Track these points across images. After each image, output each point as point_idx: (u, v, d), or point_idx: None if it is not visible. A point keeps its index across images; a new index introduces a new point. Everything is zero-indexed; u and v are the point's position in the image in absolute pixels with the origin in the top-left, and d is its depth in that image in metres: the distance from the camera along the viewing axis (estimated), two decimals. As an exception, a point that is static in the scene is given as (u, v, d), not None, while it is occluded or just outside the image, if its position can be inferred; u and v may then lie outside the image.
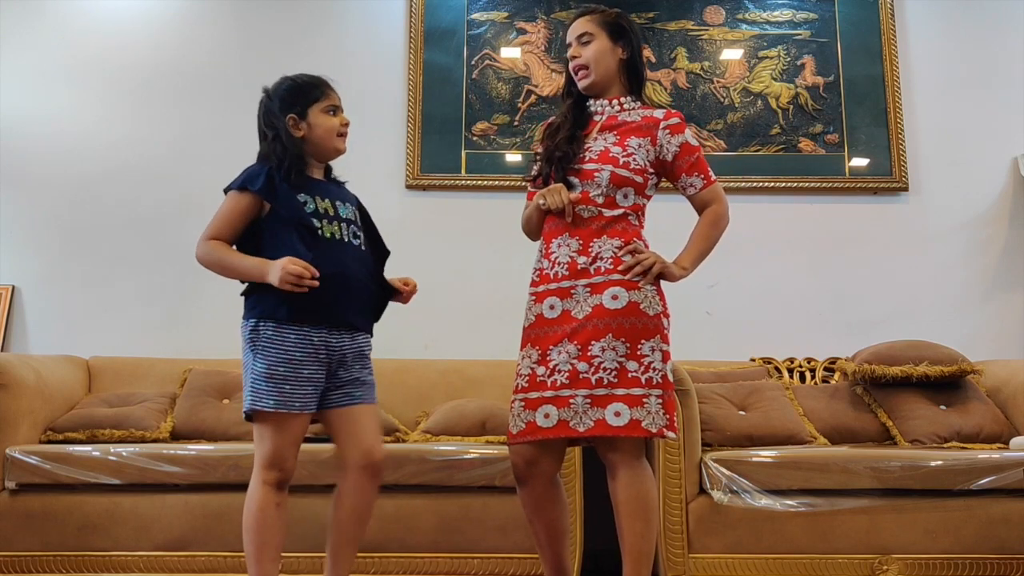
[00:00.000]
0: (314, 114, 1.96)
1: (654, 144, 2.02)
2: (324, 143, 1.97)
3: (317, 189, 1.96)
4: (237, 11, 3.67)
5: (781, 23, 3.69)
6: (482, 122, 3.59)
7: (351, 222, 1.99)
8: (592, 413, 1.87)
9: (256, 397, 1.83)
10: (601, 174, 1.97)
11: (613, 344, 1.88)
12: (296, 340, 1.85)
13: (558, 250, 1.99)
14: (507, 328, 3.40)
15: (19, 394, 2.61)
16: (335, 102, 1.99)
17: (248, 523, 1.85)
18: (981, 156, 3.62)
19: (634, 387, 1.87)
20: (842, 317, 3.48)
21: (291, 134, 1.94)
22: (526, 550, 2.47)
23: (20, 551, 2.46)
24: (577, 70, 2.08)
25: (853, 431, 2.91)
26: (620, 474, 1.91)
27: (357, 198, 2.10)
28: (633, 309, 1.91)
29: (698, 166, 2.04)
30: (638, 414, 1.85)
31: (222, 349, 3.27)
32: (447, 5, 3.66)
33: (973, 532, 2.45)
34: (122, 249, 3.48)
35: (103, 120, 3.57)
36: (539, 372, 1.94)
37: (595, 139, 2.04)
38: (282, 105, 1.96)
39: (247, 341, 1.89)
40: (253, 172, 1.91)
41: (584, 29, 2.06)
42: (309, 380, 1.86)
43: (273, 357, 1.84)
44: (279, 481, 1.86)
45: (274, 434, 1.84)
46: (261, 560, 1.84)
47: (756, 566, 2.45)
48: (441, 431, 2.82)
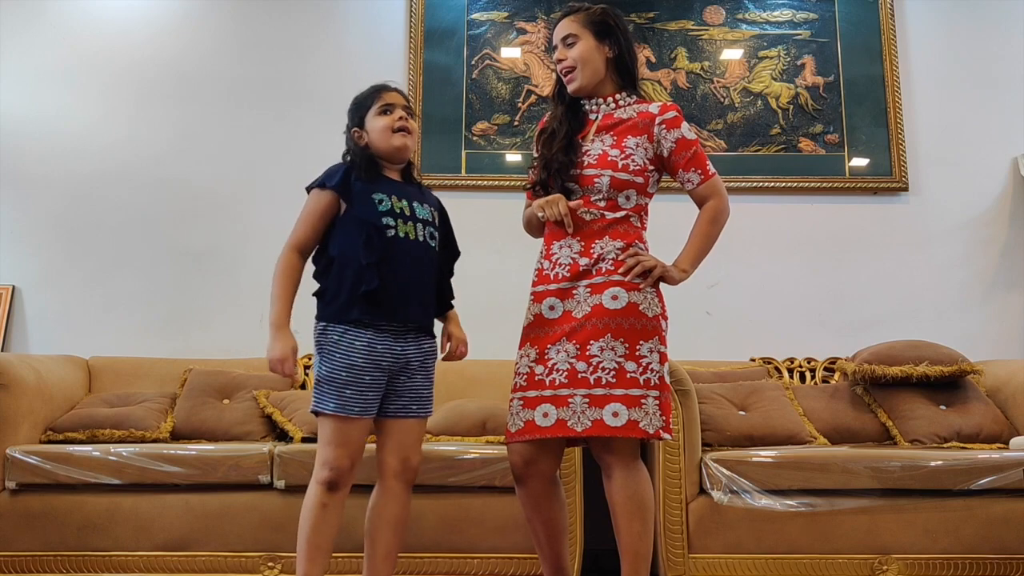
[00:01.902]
0: (369, 120, 2.02)
1: (651, 141, 2.00)
2: (381, 144, 2.01)
3: (393, 189, 2.00)
4: (237, 11, 3.67)
5: (781, 23, 3.69)
6: (482, 122, 3.59)
7: (427, 223, 2.02)
8: (590, 413, 1.86)
9: (318, 399, 1.89)
10: (601, 180, 1.96)
11: (612, 344, 1.88)
12: (360, 347, 1.88)
13: (559, 251, 1.99)
14: (507, 328, 3.40)
15: (19, 394, 2.61)
16: (388, 100, 2.03)
17: (302, 520, 1.89)
18: (981, 156, 3.62)
19: (632, 387, 1.86)
20: (842, 317, 3.48)
21: (357, 145, 2.03)
22: (526, 550, 2.47)
23: (20, 551, 2.46)
24: (564, 73, 2.05)
25: (853, 431, 2.91)
26: (616, 475, 1.90)
27: (438, 200, 2.15)
28: (633, 310, 1.90)
29: (695, 161, 2.01)
30: (636, 415, 1.85)
31: (222, 349, 3.28)
32: (447, 5, 3.66)
33: (973, 532, 2.45)
34: (122, 249, 3.49)
35: (103, 120, 3.57)
36: (537, 371, 1.94)
37: (592, 141, 2.02)
38: (350, 122, 2.05)
39: (316, 343, 1.93)
40: (332, 170, 1.99)
41: (568, 31, 2.03)
42: (370, 386, 1.89)
43: (336, 362, 1.88)
44: (330, 481, 1.87)
45: (333, 435, 1.88)
46: (303, 559, 1.87)
47: (756, 566, 2.45)
48: (441, 431, 2.82)
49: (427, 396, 2.01)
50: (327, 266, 1.95)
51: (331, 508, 1.88)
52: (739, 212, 3.59)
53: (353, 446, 1.90)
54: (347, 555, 2.42)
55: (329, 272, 1.94)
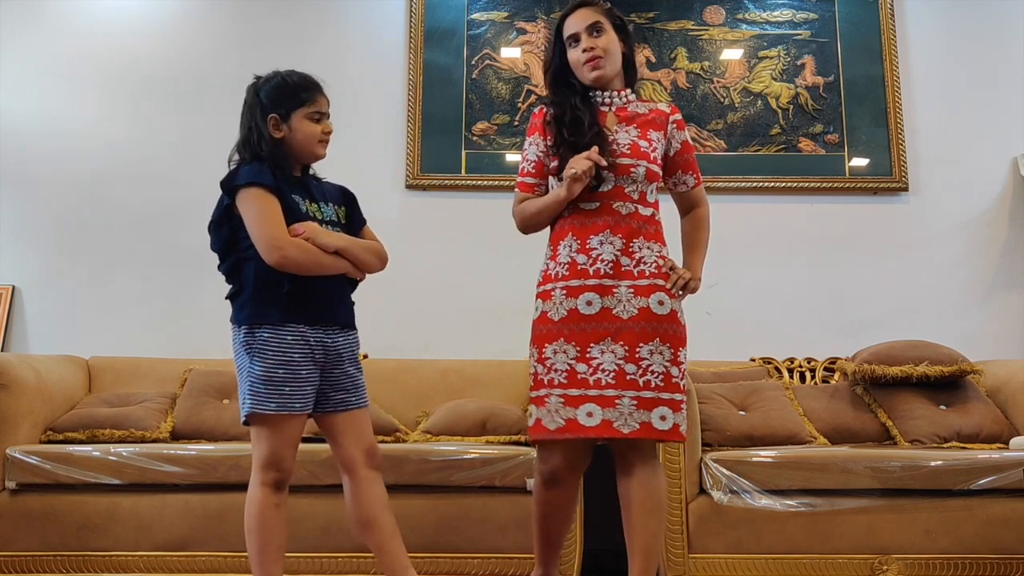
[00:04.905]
0: (297, 119, 1.93)
1: (666, 138, 2.06)
2: (303, 148, 1.95)
3: (304, 190, 1.95)
4: (237, 11, 3.67)
5: (781, 23, 3.69)
6: (482, 122, 3.59)
7: (334, 223, 1.98)
8: (638, 415, 1.87)
9: (256, 401, 1.83)
10: (638, 169, 1.97)
11: (660, 348, 1.90)
12: (293, 341, 1.85)
13: (600, 247, 1.94)
14: (507, 328, 3.41)
15: (19, 394, 2.61)
16: (322, 108, 1.96)
17: (249, 525, 1.85)
18: (981, 156, 3.62)
19: (676, 392, 1.91)
20: (842, 317, 3.48)
21: (270, 134, 1.91)
22: (526, 550, 2.46)
23: (20, 551, 2.46)
24: (591, 59, 2.01)
25: (853, 431, 2.91)
26: (637, 472, 1.91)
27: (340, 189, 2.07)
28: (674, 317, 1.95)
29: (693, 164, 2.11)
30: (679, 419, 1.89)
31: (222, 349, 3.23)
32: (447, 5, 3.66)
33: (973, 532, 2.45)
34: (122, 249, 3.48)
35: (103, 120, 3.57)
36: (580, 369, 1.90)
37: (616, 131, 2.01)
38: (267, 103, 1.93)
39: (241, 344, 1.87)
40: (255, 169, 1.87)
41: (596, 18, 2.02)
42: (307, 380, 1.87)
43: (271, 359, 1.83)
44: (277, 481, 1.86)
45: (272, 435, 1.84)
46: (264, 561, 1.84)
47: (756, 566, 2.45)
48: (441, 431, 2.82)
49: (363, 386, 1.99)
50: (237, 265, 1.89)
51: (282, 507, 1.87)
52: (739, 212, 3.62)
53: (295, 443, 1.88)
54: (296, 555, 2.42)
55: (241, 272, 1.88)
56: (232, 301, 1.92)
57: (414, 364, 3.17)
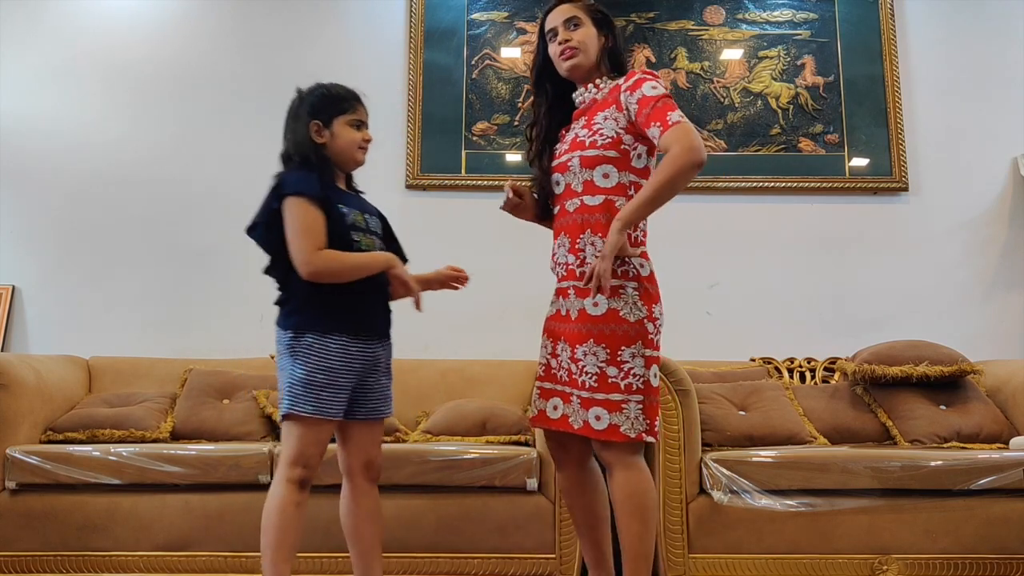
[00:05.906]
0: (339, 125, 1.99)
1: (620, 110, 1.95)
2: (344, 154, 2.01)
3: (350, 200, 2.00)
4: (237, 11, 3.67)
5: (781, 23, 3.69)
6: (482, 122, 3.59)
7: (377, 235, 2.05)
8: (581, 414, 1.90)
9: (294, 401, 1.88)
10: (572, 162, 1.98)
11: (594, 350, 1.89)
12: (336, 349, 1.89)
13: (559, 251, 2.01)
14: (507, 328, 3.41)
15: (19, 394, 2.61)
16: (361, 117, 2.03)
17: (268, 520, 1.87)
18: (981, 156, 3.62)
19: (613, 392, 1.86)
20: (842, 317, 3.48)
21: (312, 139, 1.97)
22: (526, 550, 2.47)
23: (20, 551, 2.46)
24: (565, 51, 2.02)
25: (853, 431, 2.91)
26: (615, 474, 1.91)
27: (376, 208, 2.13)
28: (613, 316, 1.89)
29: (655, 115, 1.85)
30: (616, 419, 1.86)
31: (222, 349, 3.27)
32: (447, 5, 3.66)
33: (973, 532, 2.45)
34: (122, 249, 3.49)
35: (103, 120, 3.58)
36: (552, 364, 2.00)
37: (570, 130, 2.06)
38: (310, 110, 1.99)
39: (286, 347, 1.92)
40: (303, 177, 1.91)
41: (572, 14, 2.04)
42: (343, 388, 1.91)
43: (313, 364, 1.88)
44: (302, 479, 1.88)
45: (304, 435, 1.88)
46: (276, 559, 1.85)
47: (756, 566, 2.45)
48: (441, 431, 2.82)
49: (390, 396, 2.07)
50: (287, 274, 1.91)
51: (303, 506, 1.89)
52: (739, 212, 3.62)
53: (324, 446, 1.93)
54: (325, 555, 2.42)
55: (291, 281, 1.92)
56: (280, 307, 1.96)
57: (414, 364, 3.16)
